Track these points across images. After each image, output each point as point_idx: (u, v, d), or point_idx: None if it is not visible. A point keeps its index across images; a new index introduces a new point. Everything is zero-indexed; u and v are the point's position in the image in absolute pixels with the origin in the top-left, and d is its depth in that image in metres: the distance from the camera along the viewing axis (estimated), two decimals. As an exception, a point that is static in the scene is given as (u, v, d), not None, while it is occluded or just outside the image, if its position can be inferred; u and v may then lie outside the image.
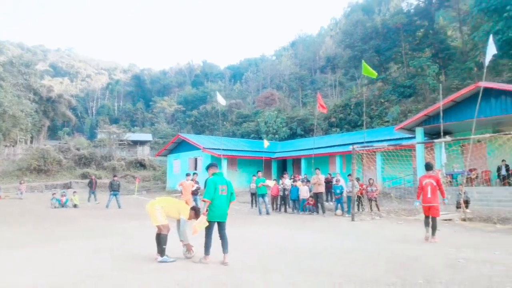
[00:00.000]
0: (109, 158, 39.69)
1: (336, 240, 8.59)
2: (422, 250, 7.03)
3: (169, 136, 52.58)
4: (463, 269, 5.48)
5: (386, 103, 39.17)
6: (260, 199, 14.68)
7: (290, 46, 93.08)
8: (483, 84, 14.63)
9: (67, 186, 30.83)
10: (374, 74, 15.15)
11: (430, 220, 8.34)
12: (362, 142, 18.50)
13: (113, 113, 78.24)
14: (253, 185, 15.98)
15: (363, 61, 16.56)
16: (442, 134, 17.41)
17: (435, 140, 12.69)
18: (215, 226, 6.16)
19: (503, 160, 16.72)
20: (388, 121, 35.70)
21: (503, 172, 16.77)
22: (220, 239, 6.10)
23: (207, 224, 6.13)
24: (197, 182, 13.28)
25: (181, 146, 32.39)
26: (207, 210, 6.09)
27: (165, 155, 35.04)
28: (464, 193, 12.23)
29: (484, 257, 6.28)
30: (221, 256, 5.98)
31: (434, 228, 8.29)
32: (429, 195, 8.35)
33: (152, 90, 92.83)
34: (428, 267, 5.69)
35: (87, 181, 26.79)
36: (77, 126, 67.56)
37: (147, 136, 56.59)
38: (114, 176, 19.06)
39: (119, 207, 17.24)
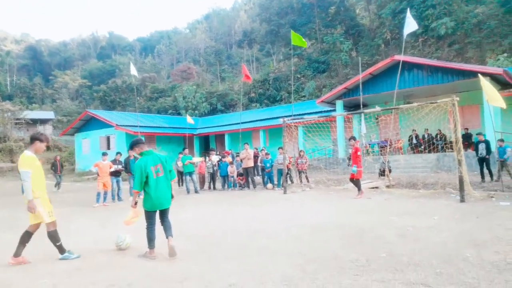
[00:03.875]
0: (4, 139, 34.92)
1: (276, 215, 8.26)
2: (365, 220, 6.97)
3: (74, 113, 47.99)
4: (416, 238, 5.44)
5: (302, 78, 40.20)
6: (188, 177, 13.86)
7: (204, 19, 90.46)
8: (400, 57, 15.35)
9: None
10: (304, 43, 15.01)
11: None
12: (288, 116, 18.53)
13: (6, 89, 68.44)
14: (179, 163, 15.04)
15: (292, 31, 16.37)
16: (361, 106, 18.18)
17: (366, 110, 13.14)
18: (157, 214, 5.24)
19: (413, 130, 18.06)
20: (304, 96, 36.76)
21: (414, 141, 18.17)
22: (162, 225, 5.21)
23: (139, 216, 5.30)
24: (120, 163, 11.92)
25: (90, 123, 29.53)
26: (136, 203, 5.18)
27: (72, 134, 31.78)
28: (388, 162, 12.84)
29: (427, 223, 6.38)
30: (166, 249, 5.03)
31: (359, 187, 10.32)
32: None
33: (52, 64, 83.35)
34: (381, 238, 5.55)
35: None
36: (-42, 103, 57.90)
37: (49, 114, 50.89)
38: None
39: None
